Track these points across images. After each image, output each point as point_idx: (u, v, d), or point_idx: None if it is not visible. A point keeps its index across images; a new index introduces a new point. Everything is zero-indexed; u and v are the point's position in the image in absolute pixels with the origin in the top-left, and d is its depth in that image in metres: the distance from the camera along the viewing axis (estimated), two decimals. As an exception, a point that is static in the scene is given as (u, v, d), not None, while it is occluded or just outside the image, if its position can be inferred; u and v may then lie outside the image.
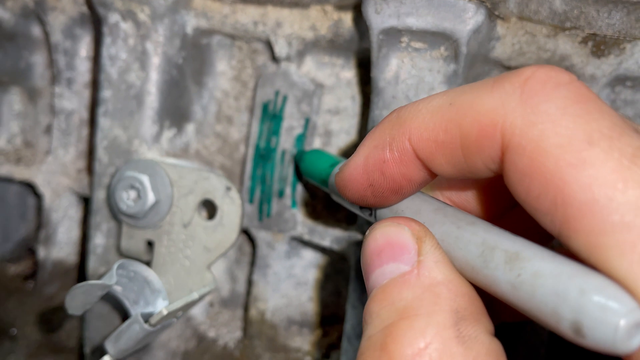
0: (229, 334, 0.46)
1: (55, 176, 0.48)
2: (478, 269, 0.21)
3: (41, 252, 0.49)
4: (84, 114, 0.48)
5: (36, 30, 0.48)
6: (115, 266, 0.32)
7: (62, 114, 0.48)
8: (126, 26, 0.39)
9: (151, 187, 0.36)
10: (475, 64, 0.35)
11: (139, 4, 0.38)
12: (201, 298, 0.36)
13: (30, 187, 0.53)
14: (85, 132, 0.48)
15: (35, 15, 0.46)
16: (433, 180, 0.24)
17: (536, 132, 0.18)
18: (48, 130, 0.50)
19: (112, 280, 0.31)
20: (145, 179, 0.36)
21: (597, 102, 0.18)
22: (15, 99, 0.50)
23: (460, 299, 0.20)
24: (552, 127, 0.18)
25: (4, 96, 0.50)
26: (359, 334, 0.36)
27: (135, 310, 0.34)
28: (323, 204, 0.43)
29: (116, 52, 0.39)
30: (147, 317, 0.32)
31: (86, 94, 0.48)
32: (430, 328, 0.19)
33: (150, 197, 0.36)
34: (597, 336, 0.16)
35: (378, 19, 0.32)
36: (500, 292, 0.20)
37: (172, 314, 0.32)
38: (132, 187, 0.36)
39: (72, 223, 0.50)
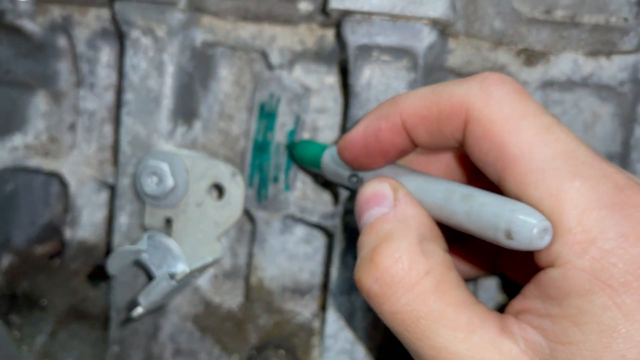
0: (231, 300, 0.54)
1: (80, 167, 0.55)
2: (442, 206, 0.29)
3: (67, 233, 0.57)
4: (105, 114, 0.56)
5: (62, 41, 0.55)
6: (145, 235, 0.40)
7: (86, 113, 0.55)
8: (146, 41, 0.46)
9: (170, 173, 0.44)
10: (434, 72, 0.43)
11: (157, 23, 0.45)
12: (214, 262, 0.43)
13: (53, 177, 0.61)
14: (105, 129, 0.56)
15: (62, 28, 0.54)
16: (407, 156, 0.34)
17: (488, 110, 0.27)
18: (72, 127, 0.57)
19: (144, 246, 0.39)
20: (165, 167, 0.44)
21: (527, 94, 0.28)
22: (40, 101, 0.58)
23: (423, 227, 0.29)
24: (499, 107, 0.27)
25: (31, 98, 0.57)
26: (342, 291, 0.44)
27: (160, 273, 0.42)
28: (312, 187, 0.51)
29: (137, 62, 0.47)
30: (171, 276, 0.40)
31: (106, 96, 0.55)
32: (402, 246, 0.28)
33: (170, 182, 0.43)
34: (521, 239, 0.25)
35: (354, 38, 0.40)
36: (457, 220, 0.28)
37: (192, 273, 0.40)
38: (155, 173, 0.44)
39: (94, 207, 0.57)
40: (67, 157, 0.55)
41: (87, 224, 0.57)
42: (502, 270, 0.38)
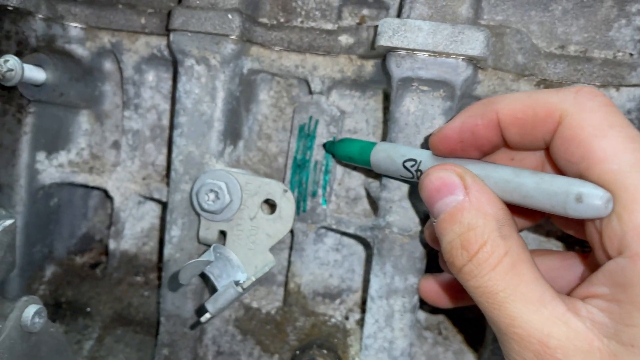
0: (268, 304, 0.58)
1: (124, 183, 0.59)
2: (509, 180, 0.34)
3: (112, 245, 0.61)
4: (147, 133, 0.60)
5: (108, 65, 0.59)
6: (212, 247, 0.44)
7: (130, 132, 0.59)
8: (199, 68, 0.51)
9: (227, 191, 0.48)
10: (463, 99, 0.48)
11: (212, 53, 0.50)
12: (269, 270, 0.48)
13: (91, 191, 0.64)
14: (147, 147, 0.60)
15: (109, 53, 0.57)
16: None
17: (579, 117, 0.31)
18: (115, 145, 0.61)
19: (212, 257, 0.44)
20: (222, 185, 0.48)
21: (616, 108, 0.31)
22: (83, 120, 0.61)
23: (499, 212, 0.33)
24: (589, 115, 0.31)
25: (75, 118, 0.60)
26: (381, 295, 0.49)
27: (219, 282, 0.46)
28: (344, 201, 0.56)
29: (190, 87, 0.51)
30: (236, 284, 0.44)
31: (149, 117, 0.59)
32: (485, 233, 0.32)
33: (227, 198, 0.48)
34: (590, 202, 0.30)
35: (398, 71, 0.45)
36: (524, 191, 0.33)
37: (255, 282, 0.45)
38: (212, 190, 0.48)
39: (135, 220, 0.61)
40: (111, 173, 0.59)
41: (128, 235, 0.61)
42: (552, 220, 0.43)
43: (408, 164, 0.42)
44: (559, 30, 0.48)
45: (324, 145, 0.52)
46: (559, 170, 0.34)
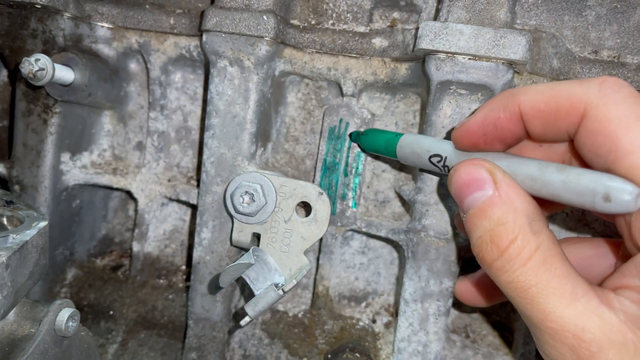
0: (295, 307, 0.58)
1: (149, 184, 0.58)
2: (536, 177, 0.33)
3: (135, 247, 0.60)
4: (173, 134, 0.59)
5: (132, 66, 0.59)
6: (251, 250, 0.44)
7: (155, 133, 0.58)
8: (232, 70, 0.50)
9: (262, 193, 0.48)
10: (497, 103, 0.48)
11: (246, 54, 0.49)
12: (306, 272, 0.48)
13: (111, 193, 0.64)
14: (172, 148, 0.59)
15: (135, 53, 0.57)
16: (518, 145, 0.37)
17: (605, 108, 0.31)
18: (138, 146, 0.61)
19: (252, 260, 0.43)
20: (258, 187, 0.47)
21: None
22: (105, 121, 0.60)
23: (529, 207, 0.33)
24: (615, 107, 0.30)
25: (98, 119, 0.60)
26: (415, 299, 0.49)
27: (256, 286, 0.46)
28: (373, 204, 0.56)
29: (223, 89, 0.51)
30: (277, 287, 0.44)
31: (175, 118, 0.59)
32: (515, 228, 0.32)
33: (262, 200, 0.47)
34: (618, 201, 0.29)
35: (438, 74, 0.45)
36: (551, 189, 0.32)
37: (296, 285, 0.44)
38: (247, 192, 0.48)
39: (158, 222, 0.61)
40: (136, 174, 0.58)
41: (151, 237, 0.60)
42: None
43: (434, 159, 0.41)
44: (592, 36, 0.48)
45: (350, 136, 0.52)
46: (585, 163, 0.34)
